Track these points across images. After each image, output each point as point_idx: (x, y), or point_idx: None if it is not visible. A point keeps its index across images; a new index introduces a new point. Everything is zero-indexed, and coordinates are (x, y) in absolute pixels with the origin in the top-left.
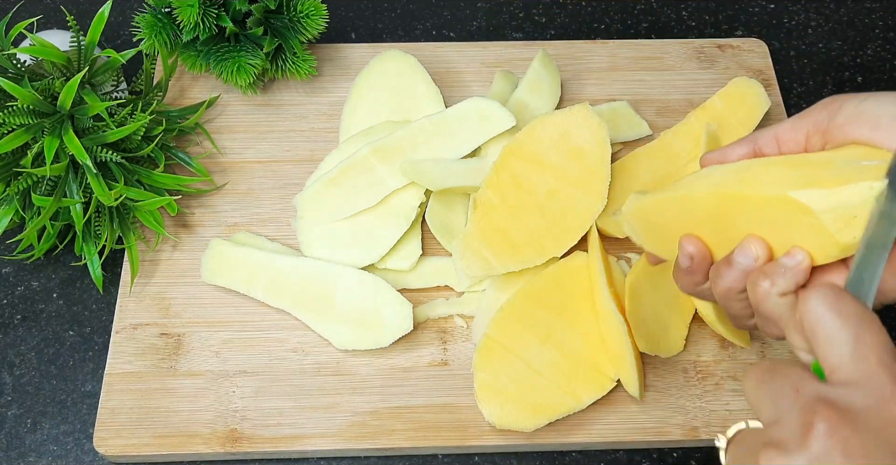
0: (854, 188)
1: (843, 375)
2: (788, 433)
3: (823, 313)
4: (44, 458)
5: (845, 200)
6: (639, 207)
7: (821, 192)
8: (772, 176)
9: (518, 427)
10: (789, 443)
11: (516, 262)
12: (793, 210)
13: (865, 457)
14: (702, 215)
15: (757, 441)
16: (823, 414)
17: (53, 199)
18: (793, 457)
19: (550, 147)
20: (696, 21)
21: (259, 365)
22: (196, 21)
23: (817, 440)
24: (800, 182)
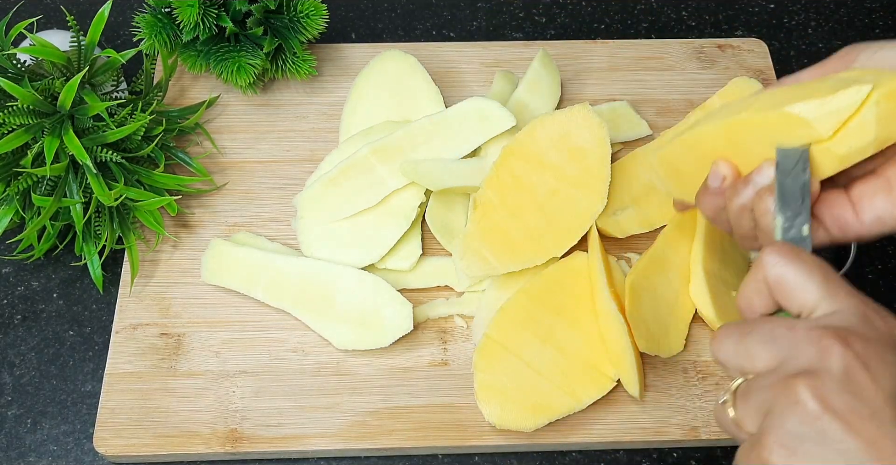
0: (843, 94)
1: (825, 309)
2: (806, 360)
3: (789, 266)
4: (44, 458)
5: (836, 106)
6: (662, 155)
7: (813, 102)
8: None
9: (518, 427)
10: (813, 367)
11: (516, 262)
12: (791, 125)
13: (881, 359)
14: (718, 148)
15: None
16: (832, 335)
17: (53, 199)
18: (824, 377)
19: (550, 147)
20: (696, 21)
21: (259, 365)
22: (196, 21)
23: (837, 357)
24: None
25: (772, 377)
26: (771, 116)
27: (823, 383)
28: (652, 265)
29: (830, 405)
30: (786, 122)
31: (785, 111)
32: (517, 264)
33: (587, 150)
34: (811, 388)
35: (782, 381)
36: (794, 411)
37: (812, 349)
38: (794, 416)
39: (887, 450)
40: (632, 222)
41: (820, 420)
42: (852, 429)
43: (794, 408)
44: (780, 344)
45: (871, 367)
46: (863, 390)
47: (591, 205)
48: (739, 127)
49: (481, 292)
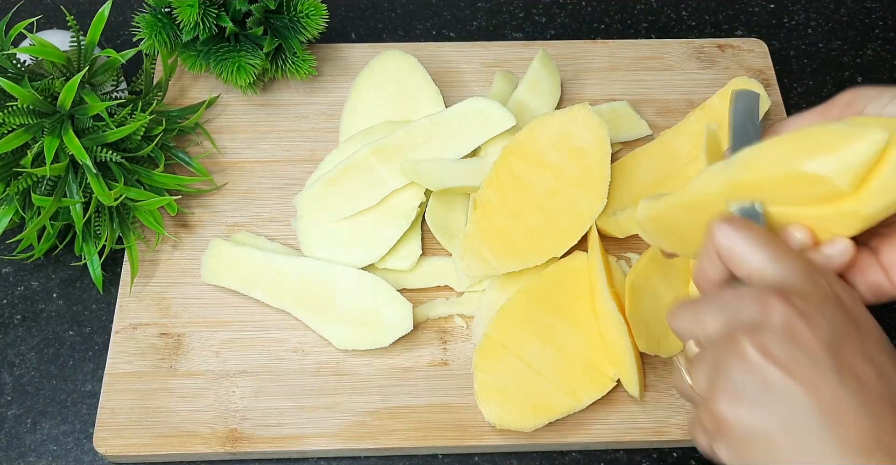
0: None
1: (771, 272)
2: (749, 317)
3: (737, 235)
4: (44, 458)
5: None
6: (652, 213)
7: (827, 157)
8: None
9: (518, 427)
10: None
11: (516, 262)
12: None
13: (819, 312)
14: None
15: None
16: (773, 292)
17: (53, 199)
18: (764, 331)
19: (550, 147)
20: (696, 21)
21: (259, 365)
22: (196, 21)
23: (777, 311)
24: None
25: (720, 337)
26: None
27: (765, 335)
28: (652, 265)
29: (771, 354)
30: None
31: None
32: (517, 264)
33: (587, 150)
34: (753, 341)
35: (727, 338)
36: (738, 363)
37: (755, 306)
38: (739, 367)
39: (825, 393)
40: (632, 222)
41: (762, 370)
42: (792, 376)
43: (737, 361)
44: (727, 307)
45: (810, 319)
46: (802, 340)
47: (591, 205)
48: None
49: (481, 292)
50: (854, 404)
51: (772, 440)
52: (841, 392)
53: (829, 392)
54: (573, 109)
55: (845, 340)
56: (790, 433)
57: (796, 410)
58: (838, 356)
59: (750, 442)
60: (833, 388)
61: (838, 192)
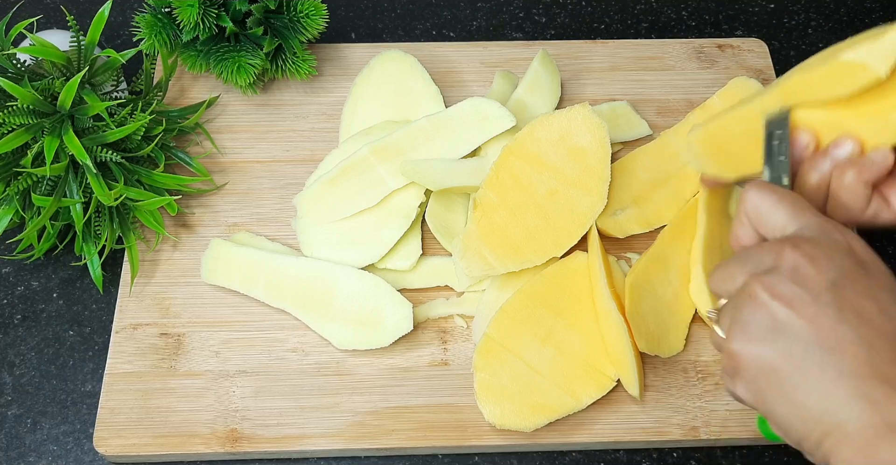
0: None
1: (789, 229)
2: (766, 264)
3: (763, 197)
4: (44, 458)
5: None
6: (707, 129)
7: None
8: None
9: (518, 427)
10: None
11: (516, 262)
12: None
13: (828, 257)
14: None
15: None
16: (787, 243)
17: (53, 199)
18: (775, 273)
19: (550, 147)
20: (696, 21)
21: (259, 365)
22: (196, 21)
23: (788, 256)
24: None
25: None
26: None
27: (774, 277)
28: (652, 265)
29: (778, 293)
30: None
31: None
32: (517, 264)
33: (587, 150)
34: (763, 282)
35: (745, 284)
36: (748, 303)
37: (771, 254)
38: (749, 307)
39: (825, 326)
40: (632, 222)
41: (768, 306)
42: (795, 311)
43: (748, 300)
44: (750, 260)
45: (817, 262)
46: (807, 280)
47: (591, 205)
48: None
49: (481, 292)
50: (852, 336)
51: (777, 370)
52: (840, 326)
53: (828, 325)
54: (573, 109)
55: (850, 281)
56: (793, 363)
57: (799, 342)
58: (840, 294)
59: (759, 375)
60: (833, 321)
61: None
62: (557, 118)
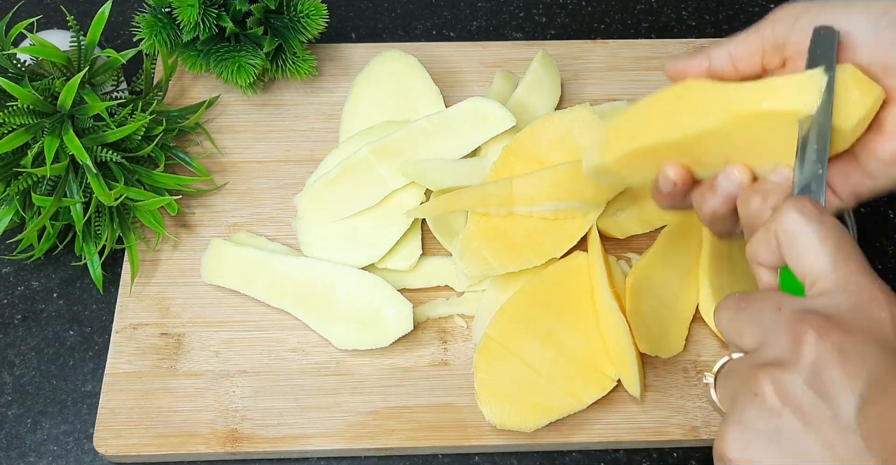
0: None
1: (825, 284)
2: (780, 348)
3: (804, 226)
4: (44, 458)
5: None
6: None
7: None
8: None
9: (518, 427)
10: (784, 357)
11: (516, 262)
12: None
13: (860, 356)
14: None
15: (750, 366)
16: (811, 323)
17: (53, 199)
18: (791, 370)
19: (551, 147)
20: (696, 21)
21: (259, 365)
22: (196, 21)
23: (810, 347)
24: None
25: (747, 364)
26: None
27: (788, 375)
28: (652, 265)
29: (791, 400)
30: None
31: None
32: (516, 265)
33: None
34: (775, 381)
35: (751, 368)
36: (753, 403)
37: (788, 336)
38: (754, 409)
39: (843, 454)
40: (632, 222)
41: (777, 416)
42: (810, 429)
43: (754, 400)
44: (764, 325)
45: (846, 362)
46: (830, 387)
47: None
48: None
49: (481, 292)
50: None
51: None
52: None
53: (848, 455)
54: (574, 109)
55: (882, 394)
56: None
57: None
58: (868, 414)
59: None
60: (854, 451)
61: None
62: (558, 118)
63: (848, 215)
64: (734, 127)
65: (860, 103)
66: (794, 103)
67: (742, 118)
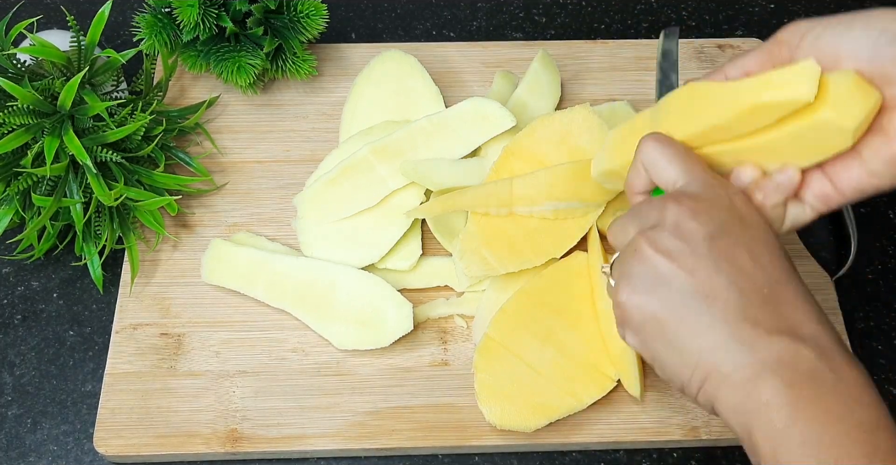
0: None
1: (679, 183)
2: (652, 219)
3: (660, 151)
4: (44, 458)
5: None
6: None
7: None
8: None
9: (518, 427)
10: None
11: (516, 262)
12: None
13: (706, 212)
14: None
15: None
16: (670, 198)
17: (53, 199)
18: (659, 229)
19: (551, 147)
20: (696, 21)
21: (259, 365)
22: (196, 21)
23: (671, 211)
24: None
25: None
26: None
27: (657, 232)
28: None
29: (660, 247)
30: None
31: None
32: (516, 265)
33: (587, 150)
34: (647, 237)
35: (632, 239)
36: (634, 257)
37: (656, 210)
38: (634, 261)
39: (702, 275)
40: None
41: (651, 260)
42: (675, 263)
43: (634, 255)
44: (640, 215)
45: (697, 217)
46: (687, 234)
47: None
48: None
49: (481, 292)
50: (726, 283)
51: (659, 319)
52: (715, 275)
53: (704, 275)
54: (574, 109)
55: (726, 234)
56: (673, 312)
57: (678, 292)
58: (717, 246)
59: (644, 324)
60: (708, 271)
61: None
62: (558, 118)
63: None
64: (738, 122)
65: (861, 106)
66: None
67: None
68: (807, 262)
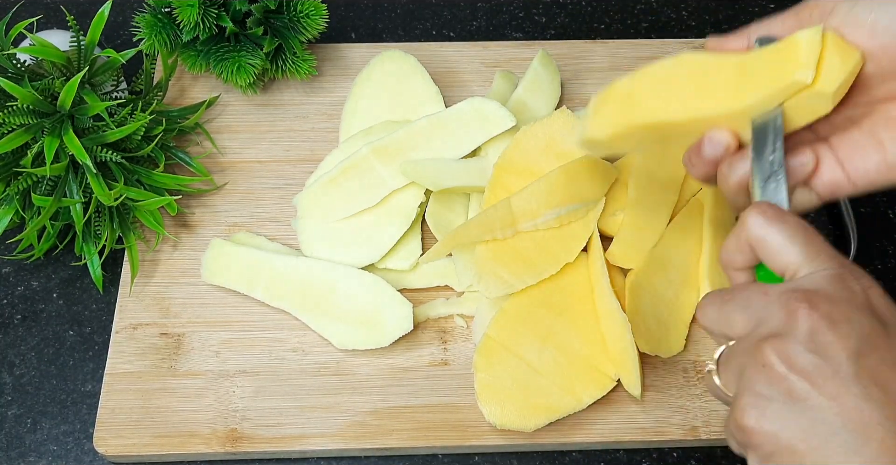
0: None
1: (802, 273)
2: (776, 323)
3: (771, 228)
4: (44, 458)
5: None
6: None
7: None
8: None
9: (518, 427)
10: (781, 330)
11: (532, 275)
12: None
13: (847, 320)
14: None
15: (750, 344)
16: (800, 297)
17: (53, 199)
18: (790, 339)
19: (539, 156)
20: (696, 21)
21: (259, 365)
22: (196, 21)
23: (804, 318)
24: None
25: (746, 342)
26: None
27: (789, 344)
28: (652, 265)
29: (795, 365)
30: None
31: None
32: (534, 277)
33: (574, 152)
34: (777, 350)
35: (753, 344)
36: (762, 372)
37: (781, 313)
38: (763, 378)
39: (849, 404)
40: None
41: (786, 381)
42: (816, 387)
43: (762, 370)
44: (755, 309)
45: (836, 327)
46: (827, 349)
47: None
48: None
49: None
50: (879, 417)
51: (796, 451)
52: (865, 404)
53: (852, 404)
54: (553, 115)
55: (872, 348)
56: (814, 444)
57: (820, 421)
58: (863, 366)
59: (775, 452)
60: (857, 400)
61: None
62: (539, 127)
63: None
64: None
65: (840, 68)
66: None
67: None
68: None
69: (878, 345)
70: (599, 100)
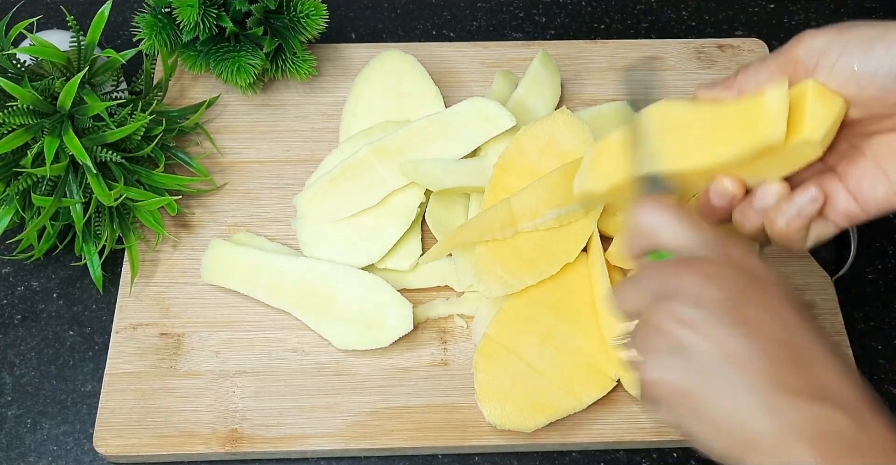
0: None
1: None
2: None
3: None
4: (44, 458)
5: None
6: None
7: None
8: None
9: (518, 427)
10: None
11: (532, 275)
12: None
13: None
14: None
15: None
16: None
17: (53, 199)
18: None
19: (539, 156)
20: (696, 21)
21: (259, 365)
22: (196, 21)
23: (685, 278)
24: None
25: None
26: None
27: (675, 303)
28: None
29: (681, 319)
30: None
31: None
32: (533, 277)
33: (574, 152)
34: (667, 310)
35: (650, 310)
36: (656, 332)
37: (671, 280)
38: (658, 336)
39: (728, 344)
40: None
41: (674, 332)
42: (699, 334)
43: (656, 330)
44: (652, 283)
45: (716, 283)
46: (706, 302)
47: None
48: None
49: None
50: (753, 350)
51: (689, 392)
52: (741, 342)
53: (731, 343)
54: (553, 115)
55: (745, 298)
56: (702, 383)
57: (706, 364)
58: (738, 310)
59: (677, 400)
60: (734, 339)
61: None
62: (540, 127)
63: None
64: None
65: (826, 116)
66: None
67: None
68: (807, 262)
69: (751, 294)
70: (595, 154)
